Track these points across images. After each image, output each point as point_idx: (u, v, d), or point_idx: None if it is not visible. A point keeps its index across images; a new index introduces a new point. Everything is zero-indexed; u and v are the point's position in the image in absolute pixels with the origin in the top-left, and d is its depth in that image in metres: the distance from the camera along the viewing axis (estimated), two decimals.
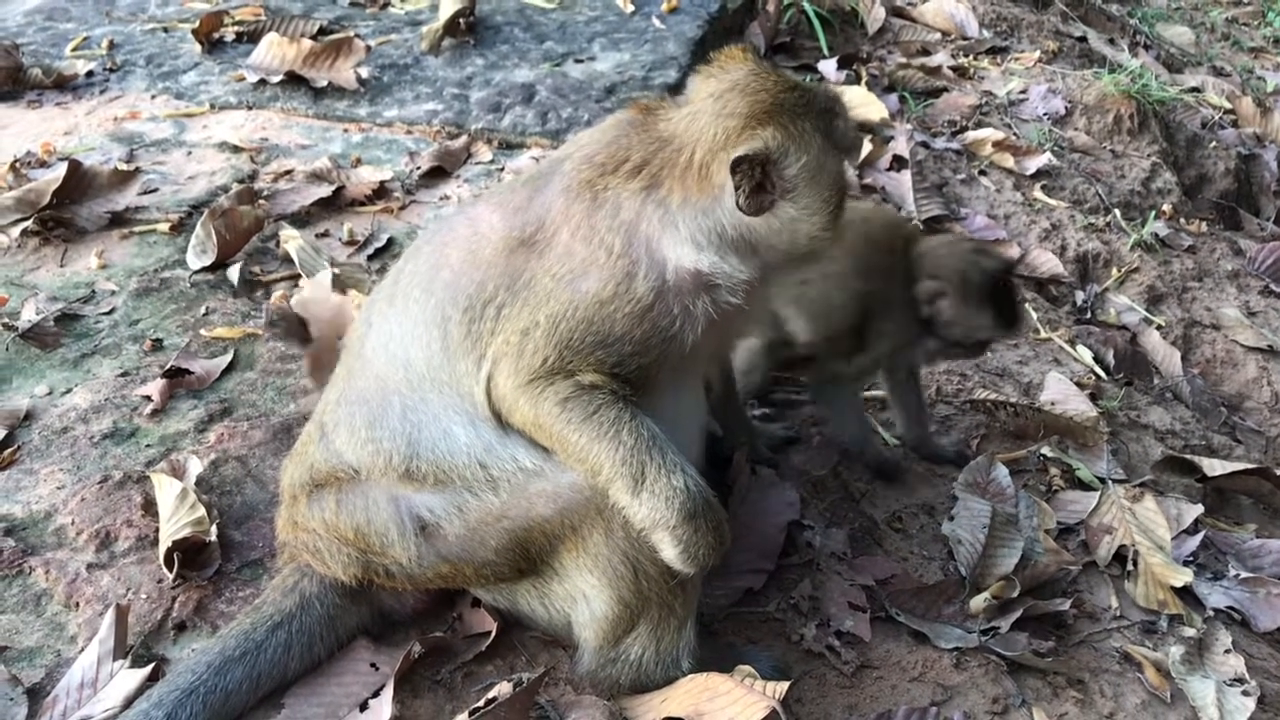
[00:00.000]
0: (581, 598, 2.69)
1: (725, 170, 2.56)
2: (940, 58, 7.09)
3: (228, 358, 3.77)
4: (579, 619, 2.73)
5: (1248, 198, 7.15)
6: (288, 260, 4.35)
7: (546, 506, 2.60)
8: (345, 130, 5.40)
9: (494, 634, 2.82)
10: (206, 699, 2.54)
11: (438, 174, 5.03)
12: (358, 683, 2.70)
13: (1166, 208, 6.21)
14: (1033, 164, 6.00)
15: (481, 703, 2.56)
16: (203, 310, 4.03)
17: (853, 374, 3.63)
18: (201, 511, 3.04)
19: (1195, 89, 7.83)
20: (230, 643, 2.63)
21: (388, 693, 2.61)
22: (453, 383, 2.64)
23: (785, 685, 2.58)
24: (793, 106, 2.66)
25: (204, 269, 4.23)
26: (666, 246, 2.60)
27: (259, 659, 2.63)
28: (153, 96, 5.61)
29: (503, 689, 2.59)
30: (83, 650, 2.73)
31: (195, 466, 3.25)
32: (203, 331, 3.89)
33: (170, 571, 2.91)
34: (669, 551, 2.56)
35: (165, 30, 6.25)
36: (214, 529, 3.03)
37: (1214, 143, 7.13)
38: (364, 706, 2.63)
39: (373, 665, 2.73)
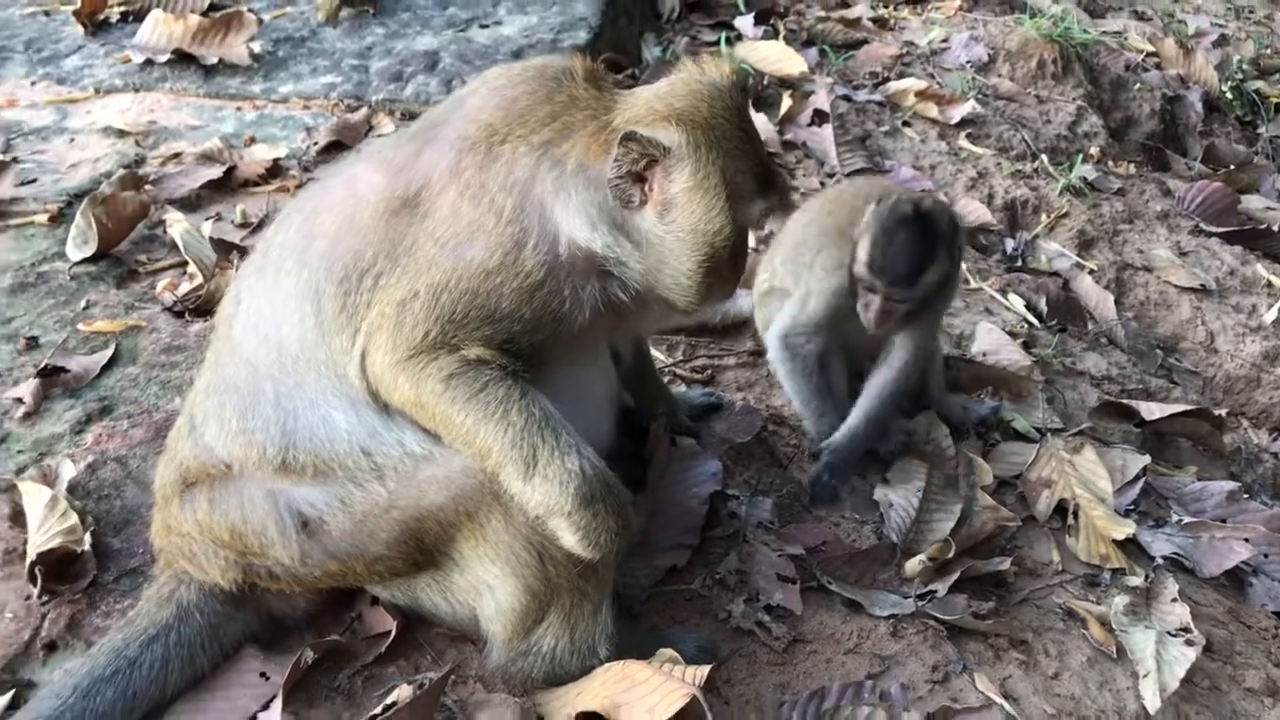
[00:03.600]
0: (485, 589, 2.49)
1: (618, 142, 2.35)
2: (860, 9, 6.92)
3: (108, 353, 3.51)
4: (485, 611, 2.52)
5: (1174, 138, 7.06)
6: (175, 248, 4.08)
7: (439, 493, 2.39)
8: (238, 109, 5.12)
9: (394, 633, 2.60)
10: None
11: (337, 148, 4.77)
12: (246, 695, 2.48)
13: (1094, 151, 6.10)
14: (957, 113, 5.86)
15: (380, 709, 2.36)
16: (82, 304, 3.76)
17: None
18: (74, 520, 2.80)
19: (1117, 33, 7.73)
20: (100, 661, 2.40)
21: (278, 704, 2.40)
22: (329, 363, 2.41)
23: (706, 669, 2.40)
24: (726, 135, 2.42)
25: (84, 260, 3.96)
26: (559, 215, 2.38)
27: (133, 677, 2.40)
28: (32, 83, 5.28)
29: (403, 692, 2.40)
30: None
31: (69, 471, 3.00)
32: (81, 326, 3.63)
33: (35, 587, 2.66)
34: (568, 538, 2.37)
35: (46, 14, 5.91)
36: (88, 537, 2.79)
37: (1138, 85, 7.03)
38: None
39: (262, 675, 2.51)
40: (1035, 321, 4.51)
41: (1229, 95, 7.59)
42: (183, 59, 5.32)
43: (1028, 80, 6.51)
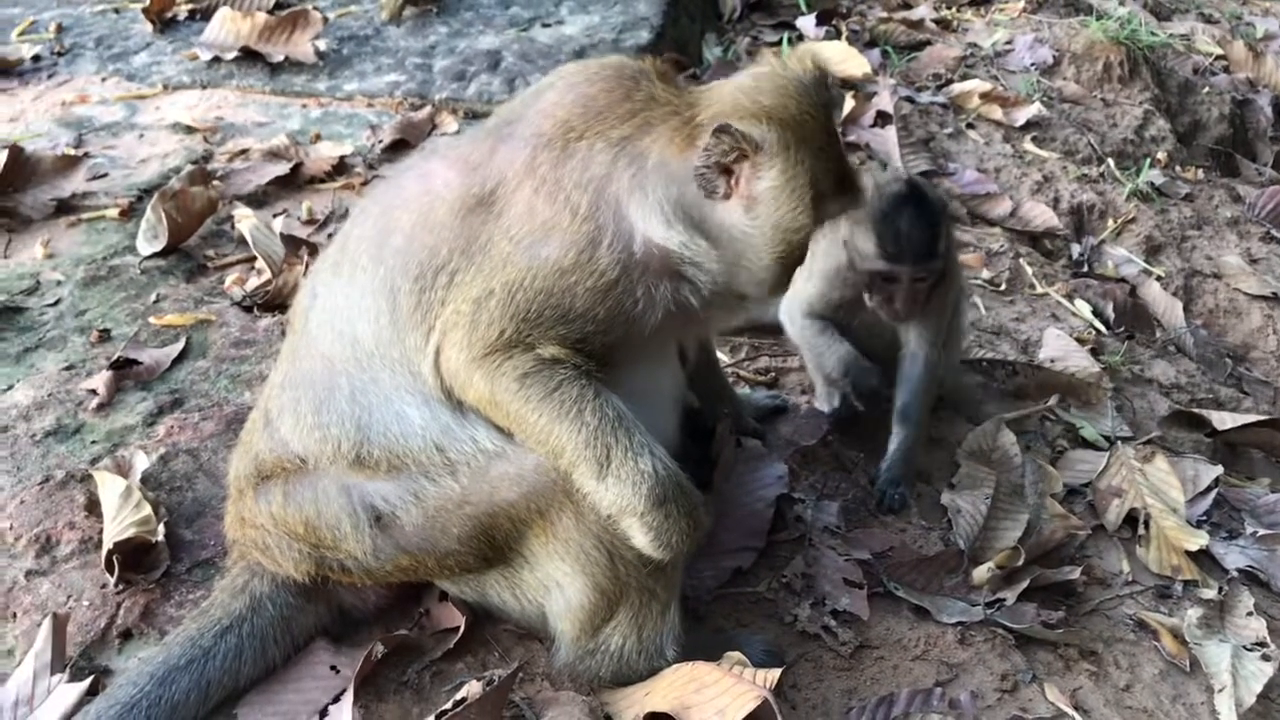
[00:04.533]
0: (555, 586, 2.49)
1: (709, 133, 2.33)
2: (922, 10, 6.85)
3: (179, 346, 3.55)
4: (553, 609, 2.52)
5: (1244, 143, 6.92)
6: (244, 243, 4.12)
7: (511, 490, 2.39)
8: (304, 106, 5.17)
9: (463, 629, 2.60)
10: (150, 713, 2.34)
11: (401, 147, 4.80)
12: (317, 687, 2.49)
13: (1161, 155, 5.99)
14: (1022, 115, 5.78)
15: (450, 704, 2.36)
16: (153, 298, 3.82)
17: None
18: (147, 510, 2.83)
19: (1184, 36, 7.59)
20: (175, 650, 2.42)
21: (348, 697, 2.41)
22: (403, 359, 2.42)
23: (777, 673, 2.38)
24: (812, 133, 2.41)
25: (155, 255, 4.02)
26: (634, 213, 2.38)
27: (207, 667, 2.42)
28: (103, 79, 5.37)
29: (473, 688, 2.40)
30: (19, 664, 2.52)
31: (142, 462, 3.04)
32: (152, 320, 3.68)
33: (112, 575, 2.70)
34: (639, 539, 2.37)
35: (116, 11, 6.00)
36: (161, 528, 2.82)
37: (1206, 88, 6.91)
38: (323, 713, 2.42)
39: (333, 668, 2.53)
40: (1102, 328, 4.44)
41: None
42: (249, 56, 5.38)
43: (1093, 83, 6.41)
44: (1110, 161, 5.71)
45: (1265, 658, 2.88)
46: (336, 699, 2.45)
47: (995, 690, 2.73)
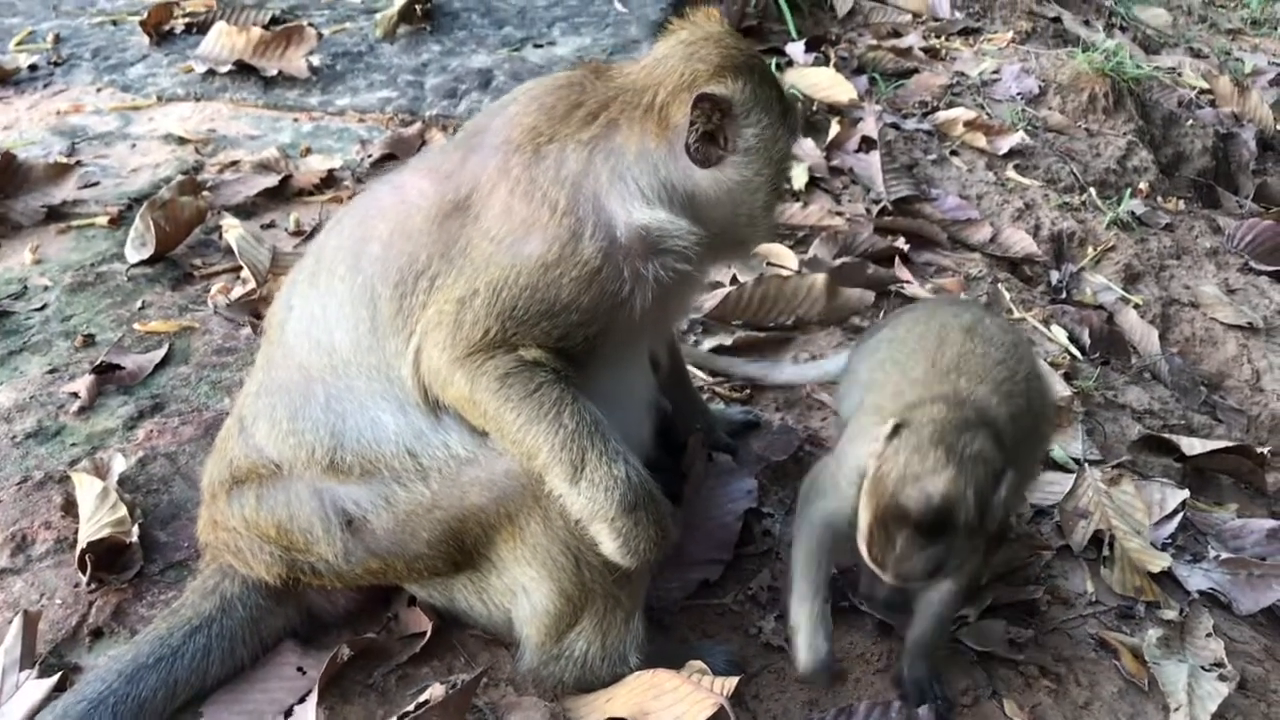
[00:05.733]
0: (521, 591, 2.53)
1: (685, 110, 2.45)
2: (911, 39, 6.94)
3: (162, 352, 3.60)
4: (519, 614, 2.57)
5: (1226, 176, 7.01)
6: (230, 253, 4.17)
7: (481, 495, 2.44)
8: (295, 120, 5.23)
9: (429, 633, 2.65)
10: (117, 709, 2.37)
11: (390, 161, 4.84)
12: (283, 688, 2.53)
13: (1143, 186, 6.06)
14: (1005, 143, 5.85)
15: (412, 706, 2.40)
16: (139, 304, 3.86)
17: None
18: (123, 511, 2.87)
19: (1171, 69, 7.69)
20: (144, 649, 2.46)
21: (312, 698, 2.45)
22: (381, 366, 2.48)
23: (734, 681, 2.43)
24: (763, 71, 2.61)
25: (142, 262, 4.07)
26: (614, 203, 2.45)
27: (175, 665, 2.46)
28: (98, 90, 5.43)
29: (435, 691, 2.44)
30: None
31: (120, 465, 3.08)
32: (136, 326, 3.72)
33: (85, 575, 2.73)
34: (608, 545, 2.42)
35: (114, 23, 6.06)
36: (136, 529, 2.86)
37: (1191, 121, 7.00)
38: (288, 713, 2.46)
39: (299, 669, 2.57)
40: (1077, 354, 4.49)
41: None
42: (244, 70, 5.44)
43: (1078, 113, 6.50)
44: (1092, 190, 5.79)
45: (1221, 678, 2.92)
46: (302, 700, 2.49)
47: (956, 705, 2.76)
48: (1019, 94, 6.50)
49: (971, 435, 2.43)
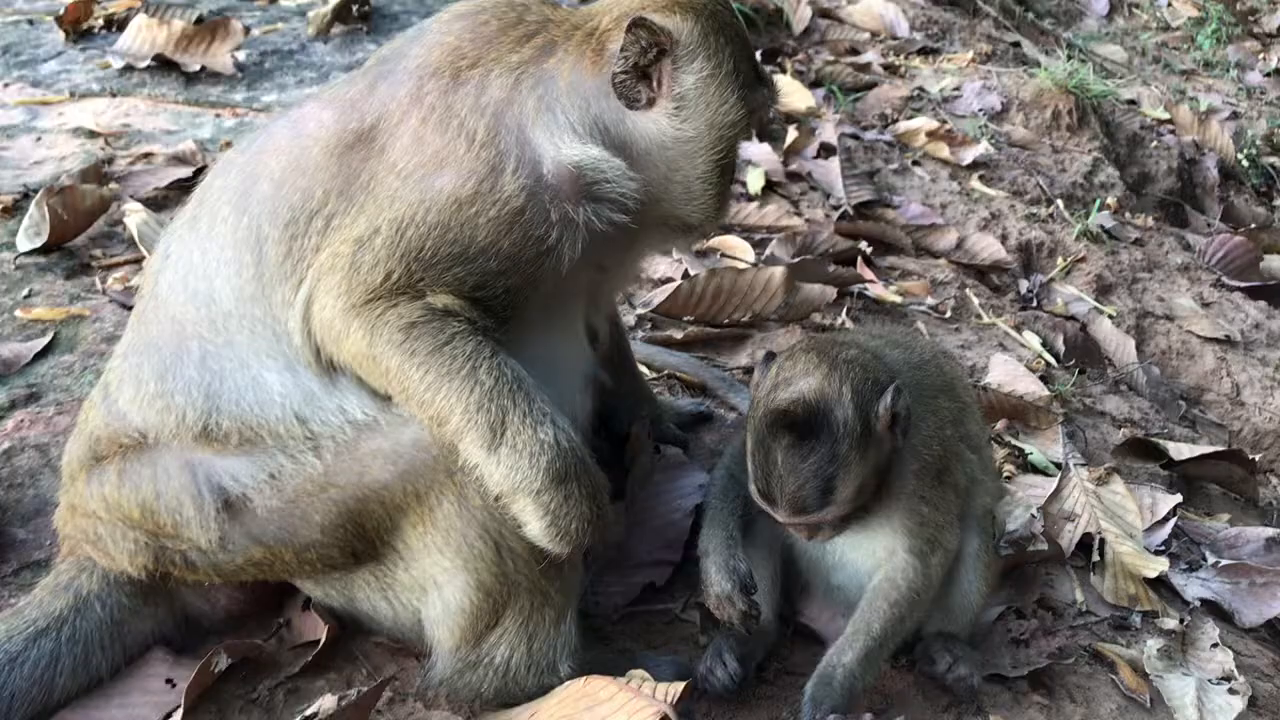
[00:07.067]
0: (432, 586, 2.16)
1: (622, 34, 2.13)
2: (870, 56, 6.73)
3: (44, 340, 3.23)
4: (430, 614, 2.19)
5: (1192, 198, 6.83)
6: (134, 245, 3.81)
7: (383, 469, 2.08)
8: (218, 115, 4.88)
9: (324, 640, 2.26)
10: None
11: None
12: (147, 703, 2.14)
13: (1111, 201, 5.84)
14: (969, 154, 5.62)
15: None
16: (24, 292, 3.49)
17: None
18: None
19: (1131, 101, 7.55)
20: None
21: (178, 716, 2.05)
22: (267, 319, 2.11)
23: (680, 686, 2.04)
24: (728, 23, 2.27)
25: (34, 251, 3.69)
26: (540, 135, 2.13)
27: (13, 676, 2.08)
28: (5, 85, 5.05)
29: (325, 702, 2.03)
30: None
31: None
32: (19, 313, 3.34)
33: None
34: (533, 525, 2.06)
35: (30, 22, 5.70)
36: None
37: (1155, 143, 6.83)
38: None
39: (169, 681, 2.18)
40: (1052, 360, 4.21)
41: (1245, 164, 7.39)
42: (164, 65, 5.10)
43: (1042, 130, 6.29)
44: (1059, 202, 5.56)
45: (1232, 691, 2.59)
46: (168, 717, 2.09)
47: None
48: (981, 109, 6.29)
49: (848, 349, 2.31)
